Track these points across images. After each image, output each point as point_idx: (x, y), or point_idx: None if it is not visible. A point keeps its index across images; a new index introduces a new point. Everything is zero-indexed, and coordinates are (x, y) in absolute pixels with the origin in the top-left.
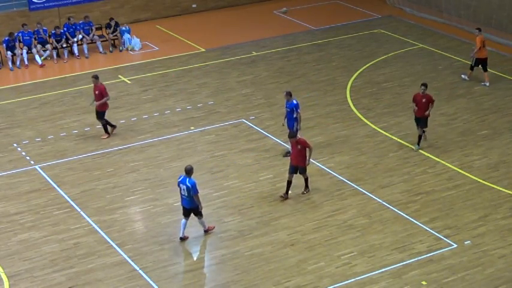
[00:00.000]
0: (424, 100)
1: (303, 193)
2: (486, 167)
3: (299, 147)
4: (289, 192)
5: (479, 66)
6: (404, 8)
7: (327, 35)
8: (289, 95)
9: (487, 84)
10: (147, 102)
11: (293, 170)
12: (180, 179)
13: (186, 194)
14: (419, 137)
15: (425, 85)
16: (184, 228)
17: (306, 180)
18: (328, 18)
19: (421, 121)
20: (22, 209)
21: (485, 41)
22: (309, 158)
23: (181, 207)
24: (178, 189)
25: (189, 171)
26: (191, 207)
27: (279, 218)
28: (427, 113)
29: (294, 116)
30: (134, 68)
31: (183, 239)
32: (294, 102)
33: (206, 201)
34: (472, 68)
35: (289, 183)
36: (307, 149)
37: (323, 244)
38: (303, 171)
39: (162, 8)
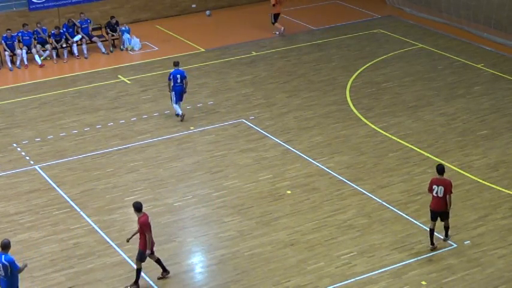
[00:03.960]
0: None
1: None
2: (486, 167)
3: (138, 226)
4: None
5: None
6: (404, 8)
7: (326, 35)
8: (176, 64)
9: (282, 29)
10: (146, 102)
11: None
12: None
13: (3, 274)
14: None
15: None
16: None
17: (158, 261)
18: (328, 18)
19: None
20: (22, 209)
21: None
22: (148, 244)
23: None
24: None
25: (5, 247)
26: None
27: (278, 218)
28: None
29: (178, 82)
30: (134, 68)
31: None
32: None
33: (205, 202)
34: (273, 23)
35: (157, 261)
36: (147, 234)
37: (323, 244)
38: (139, 257)
39: (161, 8)
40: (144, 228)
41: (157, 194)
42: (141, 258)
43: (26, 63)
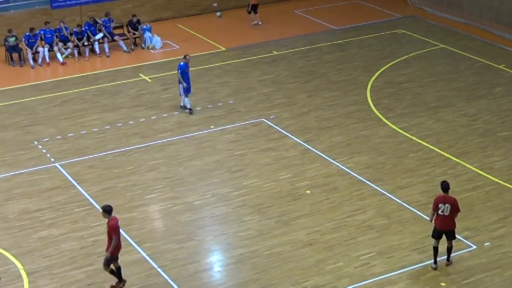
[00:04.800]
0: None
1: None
2: (507, 168)
3: (107, 229)
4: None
5: (253, 10)
6: (425, 8)
7: (347, 34)
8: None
9: (259, 22)
10: (167, 100)
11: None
12: None
13: None
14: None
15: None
16: None
17: (118, 270)
18: (349, 18)
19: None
20: (43, 206)
21: None
22: (112, 249)
23: None
24: None
25: None
26: None
27: (298, 217)
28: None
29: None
30: (155, 67)
31: None
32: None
33: (225, 200)
34: (249, 12)
35: (112, 272)
36: (114, 237)
37: (342, 244)
38: (106, 261)
39: (183, 7)
40: (112, 232)
41: (177, 193)
42: (108, 262)
43: (47, 61)
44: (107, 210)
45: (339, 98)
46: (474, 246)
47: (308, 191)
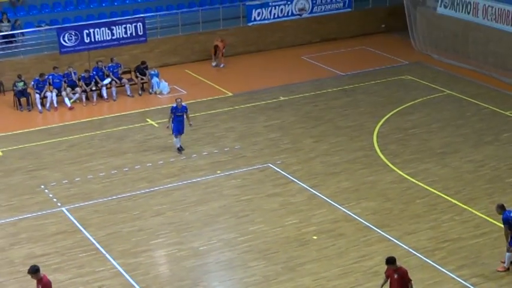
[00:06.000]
0: (396, 276)
1: None
2: None
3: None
4: None
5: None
6: (432, 54)
7: (354, 80)
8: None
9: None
10: (174, 145)
11: None
12: None
13: None
14: None
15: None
16: None
17: None
18: (356, 64)
19: None
20: (48, 251)
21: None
22: None
23: None
24: None
25: None
26: None
27: (304, 263)
28: None
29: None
30: (162, 112)
31: None
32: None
33: (231, 246)
34: (215, 56)
35: None
36: None
37: None
38: None
39: (190, 53)
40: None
41: (182, 238)
42: None
43: (55, 105)
44: (37, 270)
45: (346, 144)
46: None
47: (315, 237)
